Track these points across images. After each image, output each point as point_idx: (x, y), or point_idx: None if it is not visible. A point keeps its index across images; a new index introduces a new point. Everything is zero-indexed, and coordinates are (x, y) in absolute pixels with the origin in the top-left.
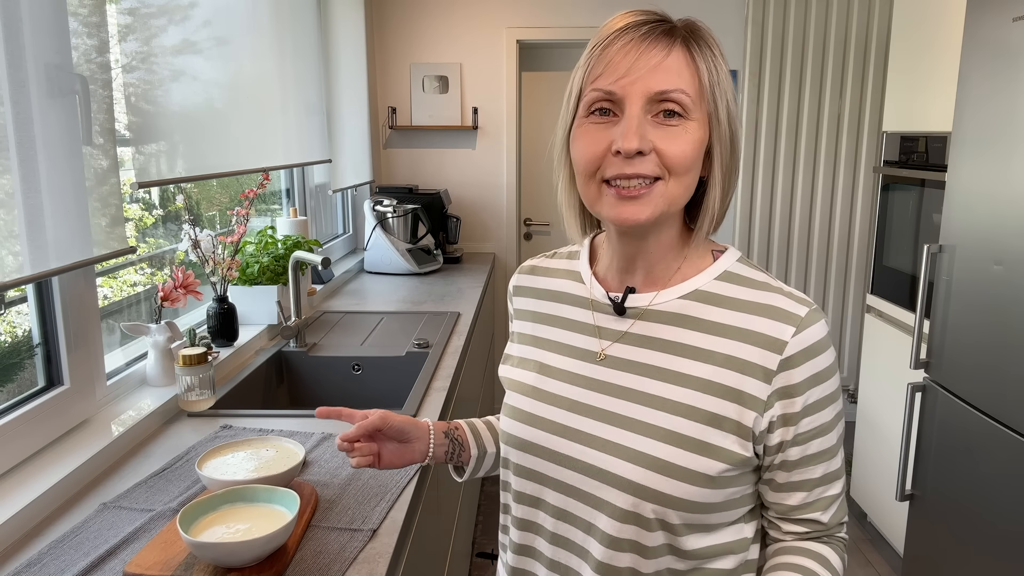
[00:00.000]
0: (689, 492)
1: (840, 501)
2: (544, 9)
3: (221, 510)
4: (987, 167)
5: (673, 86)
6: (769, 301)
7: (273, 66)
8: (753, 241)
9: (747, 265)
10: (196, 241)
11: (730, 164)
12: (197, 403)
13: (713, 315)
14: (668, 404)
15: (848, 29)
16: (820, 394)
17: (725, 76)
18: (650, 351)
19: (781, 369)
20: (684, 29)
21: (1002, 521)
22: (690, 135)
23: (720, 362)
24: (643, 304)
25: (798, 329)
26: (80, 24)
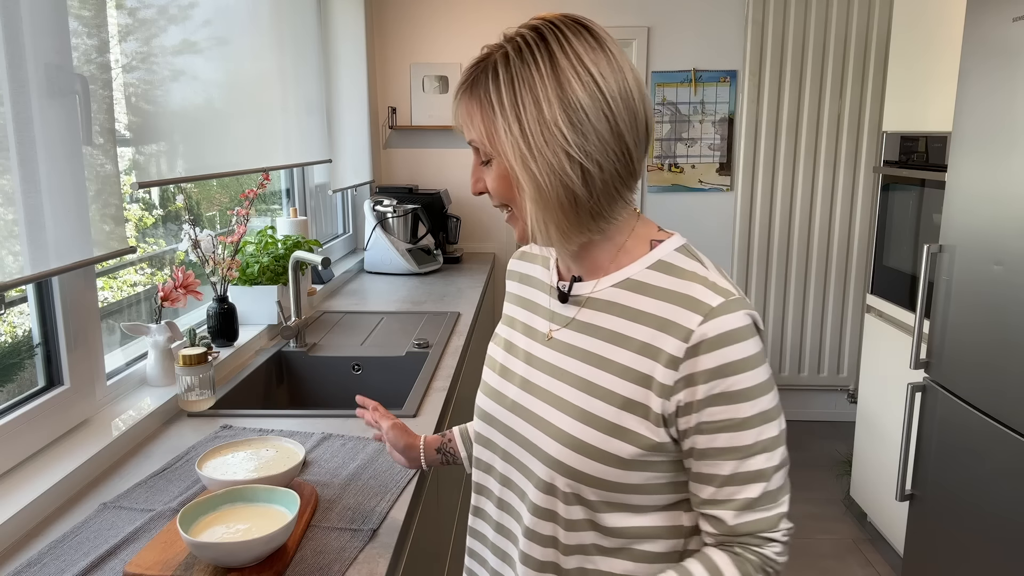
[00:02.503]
0: (600, 471)
1: (761, 511)
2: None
3: (221, 510)
4: (987, 167)
5: (469, 137)
6: (687, 290)
7: (273, 66)
8: (753, 241)
9: (685, 255)
10: (196, 241)
11: (533, 183)
12: (197, 403)
13: (638, 303)
14: (590, 387)
15: (848, 29)
16: (729, 386)
17: (512, 102)
18: (586, 336)
19: (687, 356)
20: (481, 69)
21: (1002, 521)
22: (495, 171)
23: (637, 349)
24: (585, 292)
25: (706, 318)
26: (80, 24)
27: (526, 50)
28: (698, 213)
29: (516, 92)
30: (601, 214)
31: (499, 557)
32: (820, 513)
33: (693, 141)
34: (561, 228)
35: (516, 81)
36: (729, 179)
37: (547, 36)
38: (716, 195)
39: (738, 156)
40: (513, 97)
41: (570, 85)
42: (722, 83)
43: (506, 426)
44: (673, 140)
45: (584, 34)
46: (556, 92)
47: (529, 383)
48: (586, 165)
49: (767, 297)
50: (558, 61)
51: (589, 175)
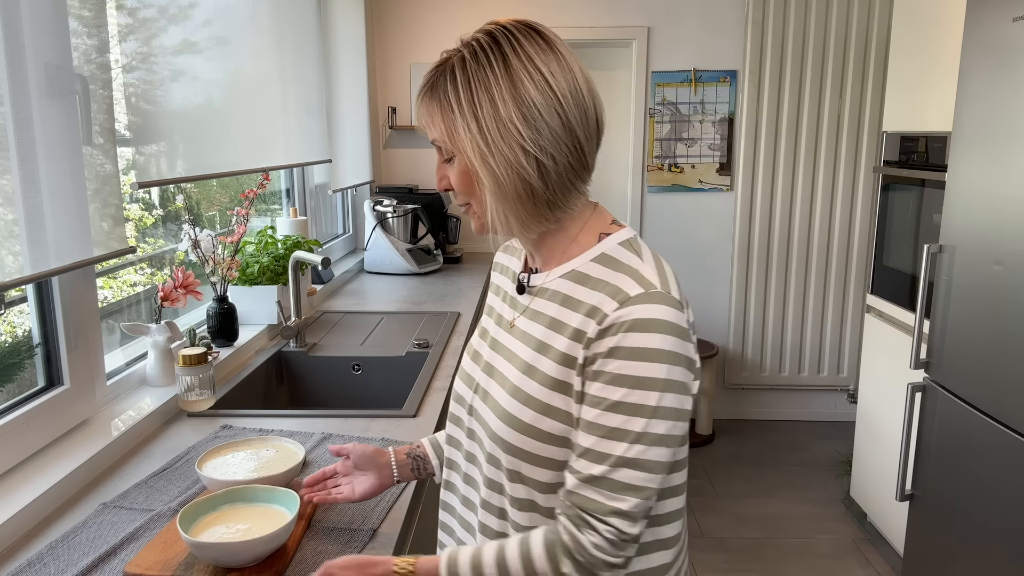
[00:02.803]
0: (534, 447)
1: (596, 491)
2: (544, 9)
3: (221, 510)
4: (987, 167)
5: (431, 137)
6: (616, 280)
7: (273, 66)
8: (753, 241)
9: (627, 249)
10: (196, 241)
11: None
12: (197, 403)
13: (577, 292)
14: (530, 369)
15: (848, 29)
16: (617, 368)
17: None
18: (534, 323)
19: (598, 337)
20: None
21: (1002, 521)
22: (456, 168)
23: (569, 334)
24: (539, 283)
25: (621, 304)
26: (80, 24)
27: (481, 53)
28: (698, 213)
29: (473, 92)
30: (557, 204)
31: (464, 528)
32: (820, 513)
33: (693, 141)
34: (520, 219)
35: (472, 82)
36: (729, 179)
37: (500, 40)
38: (716, 195)
39: (738, 156)
40: (470, 97)
41: (523, 84)
42: (722, 83)
43: (471, 406)
44: (673, 140)
45: (535, 37)
46: (510, 91)
47: (491, 367)
48: (541, 159)
49: (767, 297)
50: (511, 63)
51: (544, 168)
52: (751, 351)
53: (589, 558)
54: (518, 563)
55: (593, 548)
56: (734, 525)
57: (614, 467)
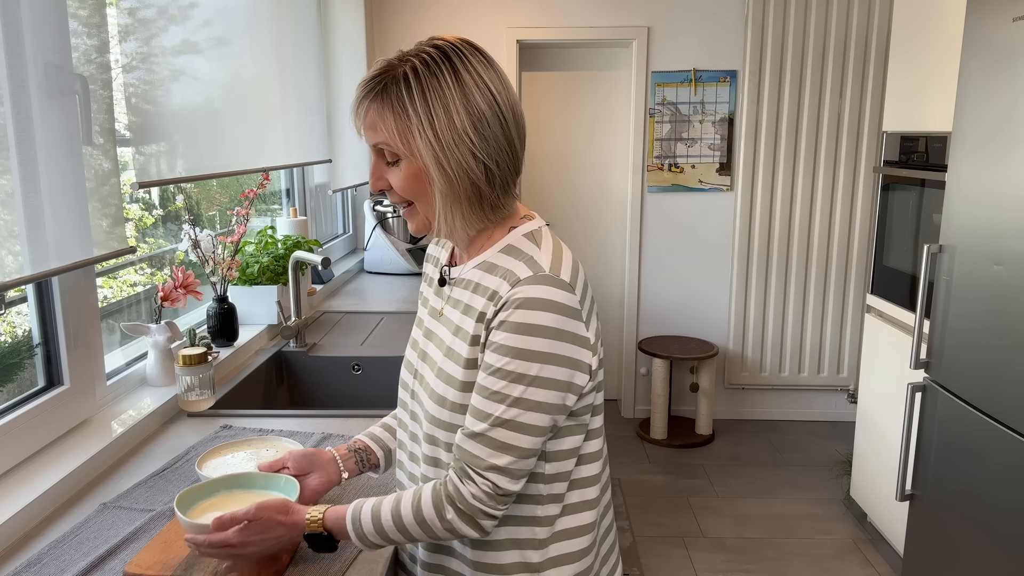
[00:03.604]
0: (461, 420)
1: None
2: (544, 9)
3: (219, 496)
4: (987, 167)
5: (375, 140)
6: (513, 267)
7: (273, 66)
8: (753, 241)
9: (529, 240)
10: (196, 241)
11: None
12: (197, 403)
13: (484, 280)
14: (450, 352)
15: (848, 29)
16: (504, 340)
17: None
18: (453, 310)
19: (493, 316)
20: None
21: (1002, 521)
22: (403, 171)
23: (476, 317)
24: (456, 274)
25: (513, 286)
26: (80, 24)
27: (433, 65)
28: (698, 213)
29: (428, 101)
30: (498, 206)
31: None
32: (820, 513)
33: (693, 141)
34: (466, 218)
35: (427, 91)
36: (729, 179)
37: (450, 54)
38: (716, 195)
39: (738, 156)
40: (426, 105)
41: (473, 97)
42: (722, 83)
43: (412, 390)
44: (673, 140)
45: (479, 55)
46: (463, 103)
47: (424, 353)
48: (488, 165)
49: (767, 297)
50: (462, 76)
51: (491, 173)
52: (751, 351)
53: (468, 507)
54: (410, 511)
55: (471, 498)
56: (734, 525)
57: (492, 426)
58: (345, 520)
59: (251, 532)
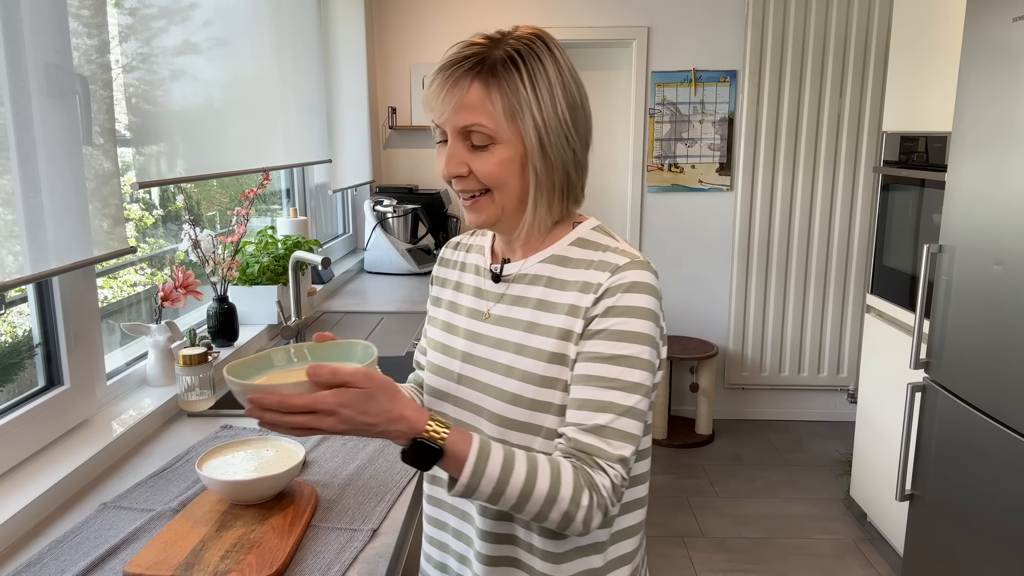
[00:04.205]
0: (541, 419)
1: (603, 440)
2: (544, 9)
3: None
4: (987, 167)
5: (471, 121)
6: (600, 257)
7: (273, 66)
8: (753, 241)
9: (600, 232)
10: (196, 241)
11: (546, 168)
12: (197, 403)
13: (560, 273)
14: (524, 349)
15: (848, 29)
16: (611, 325)
17: (535, 93)
18: (518, 307)
19: (593, 304)
20: (497, 57)
21: (1002, 521)
22: (497, 156)
23: (560, 310)
24: (514, 271)
25: (612, 273)
26: (80, 24)
27: (536, 50)
28: (698, 213)
29: (536, 85)
30: (576, 199)
31: (459, 517)
32: (820, 513)
33: (693, 141)
34: (551, 209)
35: (536, 75)
36: (729, 179)
37: (547, 42)
38: (716, 195)
39: (738, 156)
40: (535, 89)
41: (570, 85)
42: (722, 83)
43: (455, 397)
44: (673, 140)
45: (561, 48)
46: (562, 90)
47: (471, 356)
48: (578, 155)
49: (767, 297)
50: (560, 64)
51: (579, 164)
52: (751, 351)
53: (599, 498)
54: (547, 480)
55: (603, 490)
56: (734, 525)
57: (616, 415)
58: (469, 447)
59: (351, 399)
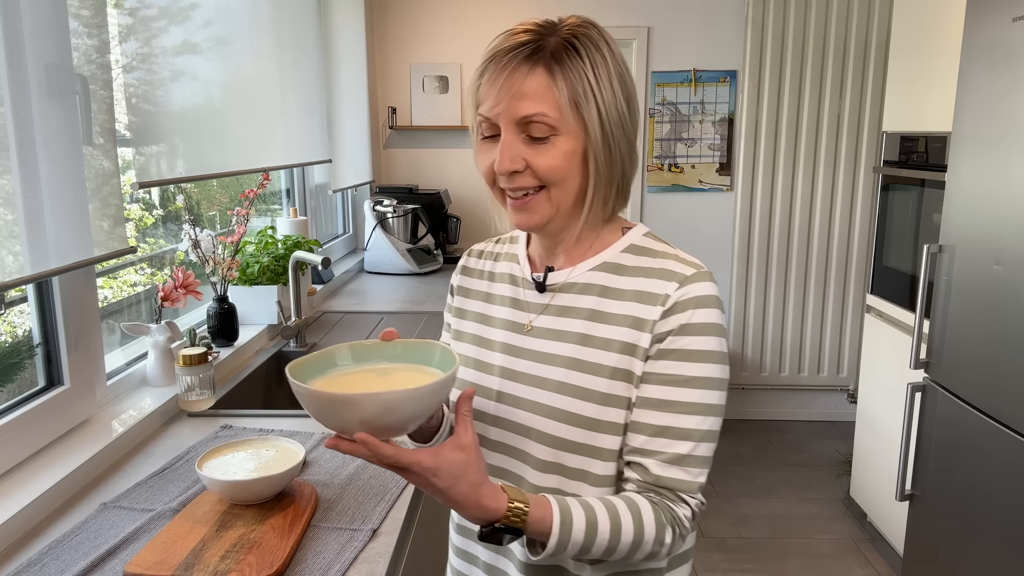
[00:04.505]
0: (599, 440)
1: (684, 470)
2: (543, 9)
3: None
4: (987, 167)
5: (533, 111)
6: (663, 265)
7: (273, 66)
8: (753, 241)
9: (652, 239)
10: (196, 241)
11: (608, 161)
12: (197, 403)
13: (616, 282)
14: (578, 364)
15: (848, 29)
16: (686, 345)
17: (598, 81)
18: (566, 319)
19: (662, 318)
20: (555, 44)
21: (1002, 521)
22: (558, 149)
23: (620, 322)
24: (560, 280)
25: (681, 284)
26: (80, 24)
27: (592, 39)
28: (698, 213)
29: (597, 74)
30: (626, 197)
31: (493, 551)
32: (820, 513)
33: (693, 141)
34: (607, 205)
35: (597, 65)
36: (729, 179)
37: (601, 31)
38: (716, 195)
39: (738, 156)
40: (596, 78)
41: (623, 76)
42: (722, 83)
43: (495, 417)
44: (673, 140)
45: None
46: (619, 80)
47: (512, 372)
48: (634, 150)
49: (767, 297)
50: (615, 54)
51: (634, 158)
52: (751, 351)
53: (682, 530)
54: (631, 531)
55: (685, 521)
56: (734, 525)
57: (696, 442)
58: (551, 519)
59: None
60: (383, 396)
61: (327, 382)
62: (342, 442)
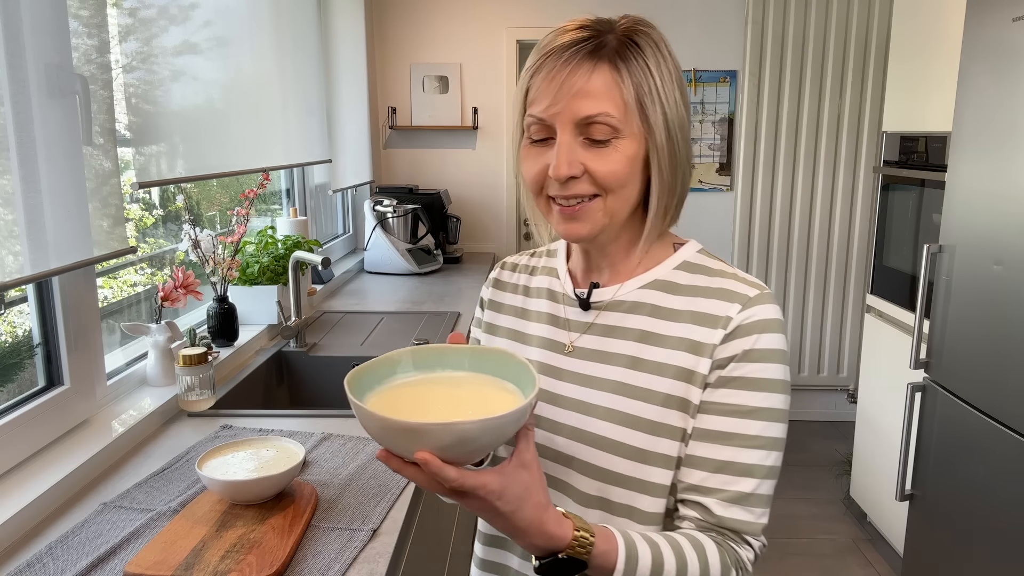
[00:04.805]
0: (649, 473)
1: (747, 510)
2: (544, 9)
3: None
4: (987, 167)
5: (597, 110)
6: (722, 285)
7: (273, 66)
8: (753, 241)
9: (706, 255)
10: (196, 241)
11: (671, 166)
12: (197, 403)
13: (670, 302)
14: (627, 389)
15: (848, 29)
16: (749, 372)
17: (662, 81)
18: (613, 339)
19: (723, 342)
20: (615, 41)
21: (1002, 521)
22: (620, 153)
23: (674, 345)
24: (607, 297)
25: (744, 306)
26: (80, 24)
27: (652, 37)
28: (698, 213)
29: (661, 73)
30: (682, 204)
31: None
32: (820, 513)
33: (693, 141)
34: (667, 215)
35: (661, 63)
36: (729, 179)
37: (661, 34)
38: (716, 195)
39: (738, 156)
40: (661, 77)
41: (683, 83)
42: (722, 83)
43: None
44: None
45: None
46: (679, 86)
47: (552, 395)
48: (692, 157)
49: None
50: (675, 59)
51: (691, 164)
52: None
53: (745, 574)
54: (696, 571)
55: (748, 563)
56: None
57: (759, 479)
58: (616, 553)
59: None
60: (457, 427)
61: (389, 396)
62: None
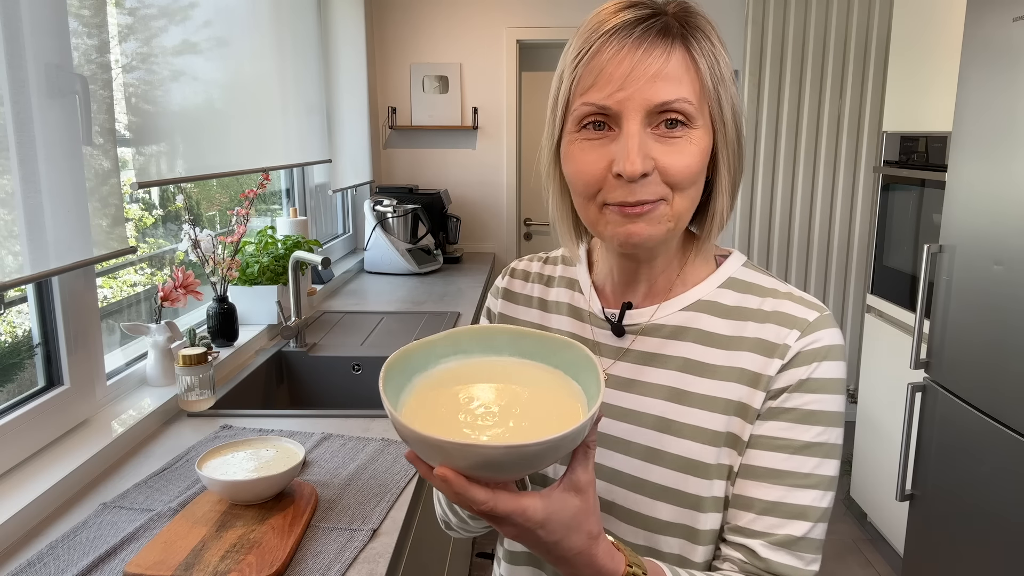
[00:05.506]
0: (703, 521)
1: (798, 556)
2: (544, 9)
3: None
4: (987, 167)
5: (675, 95)
6: (776, 307)
7: (273, 66)
8: (753, 241)
9: (753, 270)
10: (196, 241)
11: (737, 165)
12: (197, 403)
13: (718, 327)
14: (678, 428)
15: (848, 29)
16: (805, 403)
17: (726, 68)
18: (652, 368)
19: (780, 371)
20: (679, 20)
21: (1002, 521)
22: (695, 145)
23: (726, 375)
24: (643, 320)
25: (803, 333)
26: (80, 24)
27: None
28: None
29: (720, 59)
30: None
31: None
32: None
33: None
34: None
35: (721, 56)
36: None
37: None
38: None
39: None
40: (724, 67)
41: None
42: None
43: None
44: None
45: None
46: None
47: None
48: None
49: None
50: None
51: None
52: None
53: None
54: None
55: None
56: None
57: (812, 522)
58: None
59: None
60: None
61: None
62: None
